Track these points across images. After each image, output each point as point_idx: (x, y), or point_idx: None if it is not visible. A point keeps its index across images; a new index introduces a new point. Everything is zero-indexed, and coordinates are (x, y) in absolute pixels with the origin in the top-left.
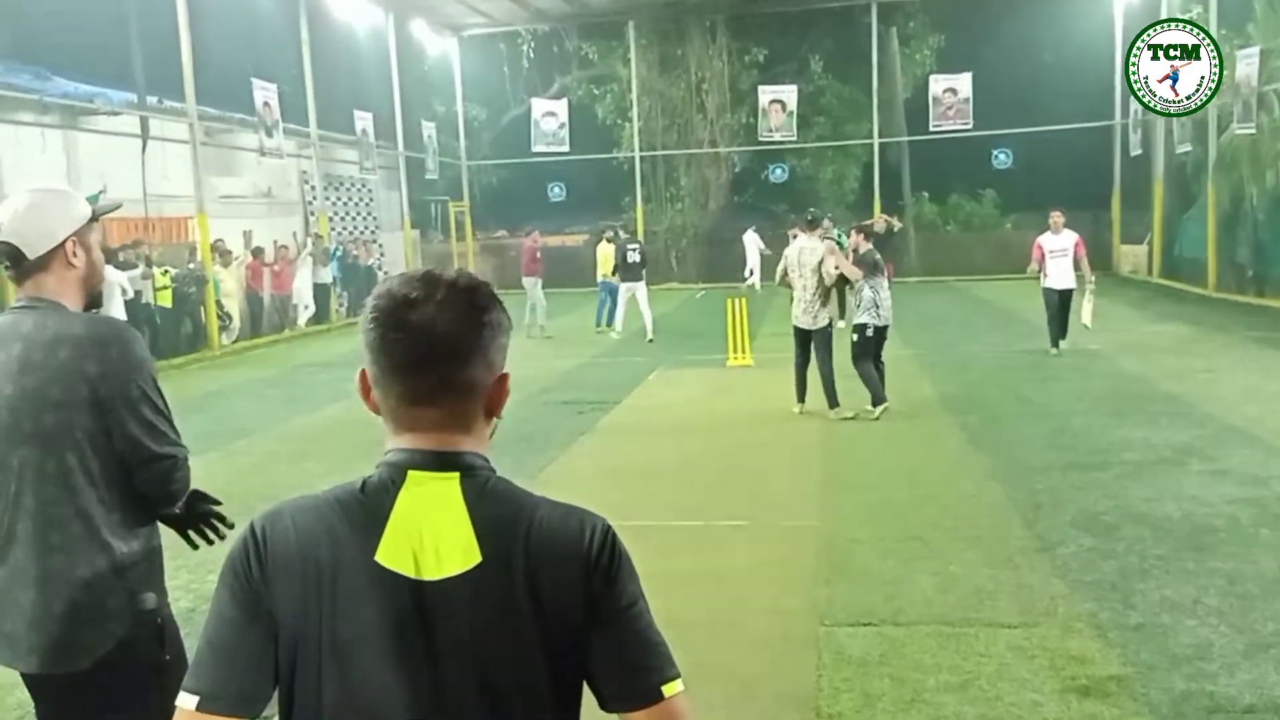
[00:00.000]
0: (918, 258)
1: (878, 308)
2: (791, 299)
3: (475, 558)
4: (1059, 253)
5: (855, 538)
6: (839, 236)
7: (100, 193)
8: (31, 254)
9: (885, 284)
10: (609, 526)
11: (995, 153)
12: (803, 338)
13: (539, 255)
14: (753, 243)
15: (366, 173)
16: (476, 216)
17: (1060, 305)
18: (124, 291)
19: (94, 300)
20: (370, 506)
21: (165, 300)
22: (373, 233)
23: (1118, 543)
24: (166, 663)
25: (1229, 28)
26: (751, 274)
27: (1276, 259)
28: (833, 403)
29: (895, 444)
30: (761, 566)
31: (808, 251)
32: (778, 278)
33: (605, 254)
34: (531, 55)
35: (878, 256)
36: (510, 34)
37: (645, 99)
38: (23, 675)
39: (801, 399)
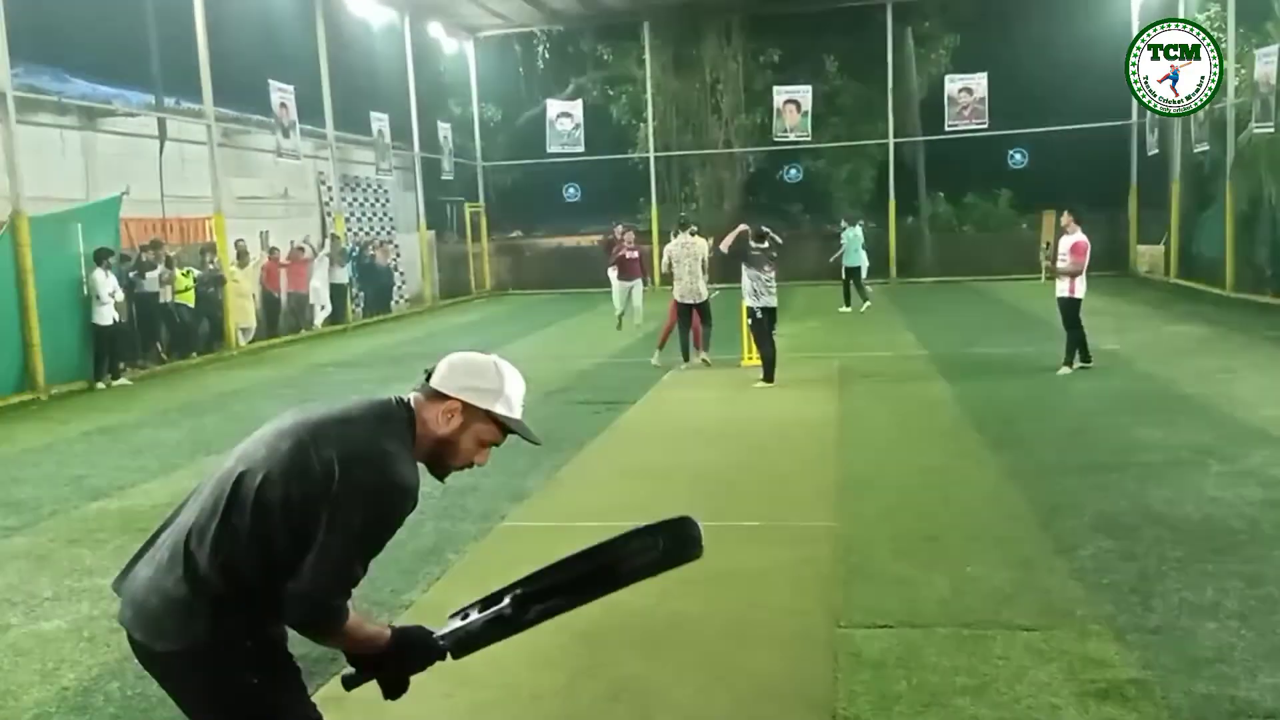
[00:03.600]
0: (933, 258)
1: (756, 294)
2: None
3: None
4: (1060, 257)
5: (871, 539)
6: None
7: (124, 194)
8: (437, 382)
9: (763, 275)
10: None
11: (1011, 152)
12: (688, 310)
13: (626, 255)
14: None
15: (383, 174)
16: (492, 217)
17: (1064, 314)
18: (99, 299)
19: (433, 466)
20: None
21: (188, 300)
22: (389, 233)
23: (1136, 545)
24: (254, 686)
25: (1247, 26)
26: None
27: None
28: (706, 348)
29: (911, 445)
30: (777, 568)
31: (686, 247)
32: (664, 268)
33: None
34: (547, 56)
35: (754, 252)
36: (525, 35)
37: (660, 99)
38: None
39: (686, 358)
